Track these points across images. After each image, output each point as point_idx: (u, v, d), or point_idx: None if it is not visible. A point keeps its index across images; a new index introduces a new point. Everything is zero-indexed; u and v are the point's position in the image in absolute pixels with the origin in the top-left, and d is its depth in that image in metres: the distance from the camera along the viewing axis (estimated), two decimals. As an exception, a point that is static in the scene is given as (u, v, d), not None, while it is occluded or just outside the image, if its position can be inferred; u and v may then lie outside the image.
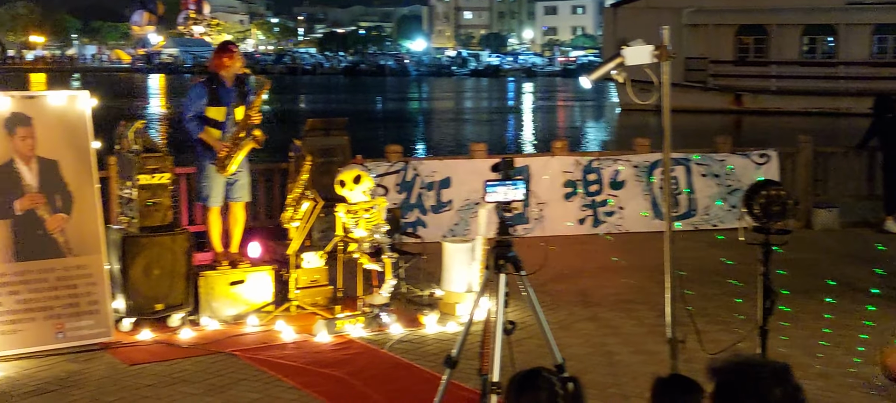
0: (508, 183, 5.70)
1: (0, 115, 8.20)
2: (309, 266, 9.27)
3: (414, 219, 12.28)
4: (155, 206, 8.68)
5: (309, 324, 8.63)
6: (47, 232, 8.24)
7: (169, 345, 8.24)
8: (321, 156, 10.31)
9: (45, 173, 8.30)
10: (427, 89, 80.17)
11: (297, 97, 64.19)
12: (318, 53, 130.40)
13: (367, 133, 31.41)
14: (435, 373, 7.25)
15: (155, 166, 8.67)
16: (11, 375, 7.46)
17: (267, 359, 7.82)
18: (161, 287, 8.65)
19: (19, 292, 8.04)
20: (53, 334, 8.10)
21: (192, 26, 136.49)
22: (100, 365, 7.72)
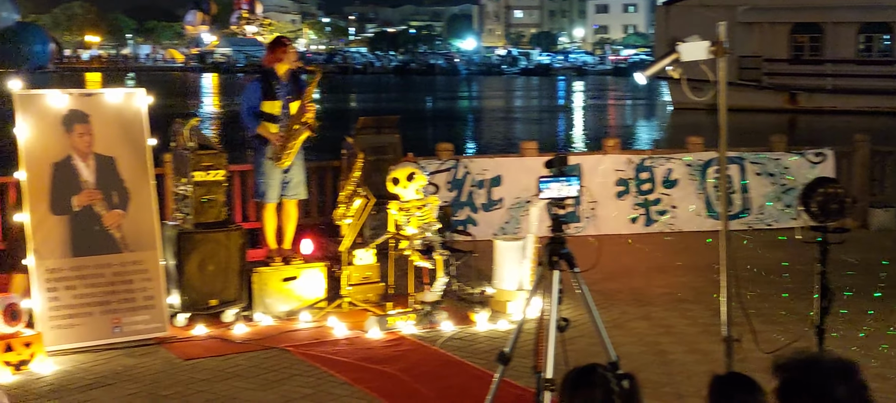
0: (562, 179, 5.68)
1: (58, 113, 8.33)
2: (361, 263, 9.31)
3: (464, 217, 12.28)
4: (209, 203, 8.77)
5: (360, 321, 8.67)
6: (104, 228, 8.36)
7: (223, 340, 8.31)
8: (373, 153, 10.35)
9: (103, 170, 8.41)
10: (477, 88, 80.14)
11: (348, 96, 64.46)
12: (368, 53, 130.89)
13: (417, 131, 31.49)
14: (486, 371, 7.25)
15: (210, 163, 8.76)
16: (69, 369, 7.57)
17: (319, 355, 7.86)
18: (215, 282, 8.73)
19: (76, 287, 8.16)
20: (110, 328, 8.22)
21: (244, 26, 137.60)
22: (155, 360, 7.82)
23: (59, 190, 8.22)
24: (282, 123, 9.21)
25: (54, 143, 8.27)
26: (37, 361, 7.51)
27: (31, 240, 8.07)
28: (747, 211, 13.15)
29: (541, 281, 5.71)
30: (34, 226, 8.10)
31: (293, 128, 9.09)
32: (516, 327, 5.85)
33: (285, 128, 9.16)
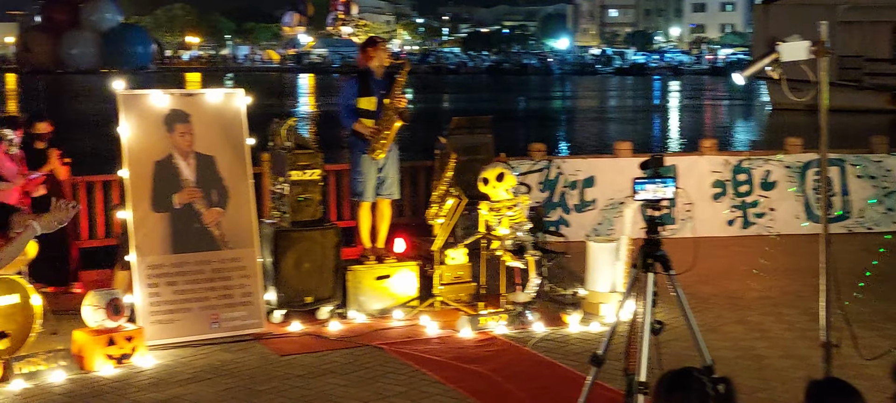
0: (657, 180, 5.63)
1: (160, 112, 8.55)
2: (453, 262, 9.35)
3: (556, 218, 12.24)
4: (306, 202, 8.90)
5: (452, 320, 8.71)
6: (204, 226, 8.55)
7: (318, 337, 8.43)
8: (465, 153, 10.37)
9: (203, 168, 8.61)
10: (570, 88, 79.69)
11: (441, 96, 64.68)
12: (461, 53, 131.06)
13: (510, 131, 31.45)
14: (578, 372, 7.23)
15: (306, 163, 8.89)
16: (169, 363, 7.76)
17: (412, 353, 7.92)
18: (311, 280, 8.86)
19: (177, 283, 8.36)
20: (209, 324, 8.40)
21: (340, 27, 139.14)
22: (252, 355, 7.97)
23: (161, 188, 8.43)
24: (378, 119, 9.33)
25: (156, 142, 8.49)
26: (138, 355, 7.72)
27: (133, 237, 8.30)
28: (847, 214, 12.84)
29: (635, 284, 5.66)
30: (136, 223, 8.33)
31: (386, 117, 9.20)
32: (609, 329, 5.81)
33: (379, 121, 9.28)
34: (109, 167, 10.10)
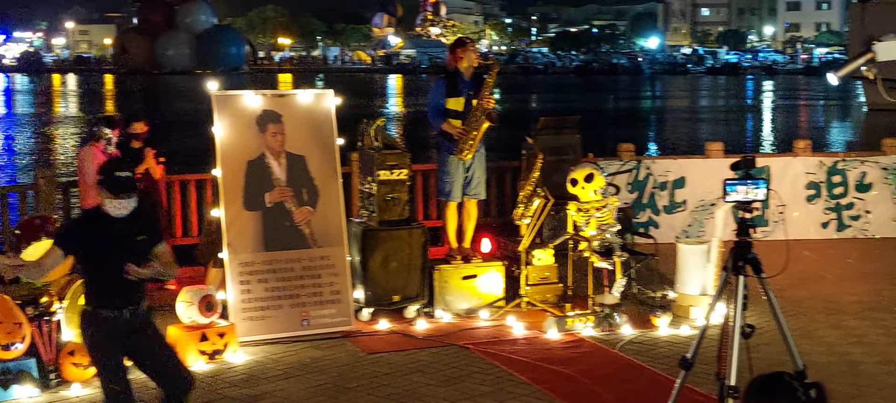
0: (749, 182, 5.55)
1: (253, 112, 8.70)
2: (539, 263, 9.33)
3: (645, 219, 12.12)
4: (393, 201, 8.97)
5: (539, 321, 8.69)
6: (294, 224, 8.68)
7: (405, 336, 8.49)
8: (552, 153, 10.35)
9: (294, 168, 8.73)
10: (661, 88, 78.82)
11: (529, 96, 64.53)
12: (550, 53, 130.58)
13: (598, 131, 31.22)
14: (667, 376, 7.15)
15: (394, 163, 8.96)
16: (260, 359, 7.89)
17: (498, 353, 7.92)
18: (398, 279, 8.93)
19: (268, 281, 8.50)
20: (298, 321, 8.52)
21: (429, 27, 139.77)
22: (341, 353, 8.06)
23: (253, 187, 8.58)
24: (465, 120, 9.34)
25: (249, 142, 8.64)
26: (230, 351, 7.87)
27: (225, 235, 8.46)
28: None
29: (725, 286, 5.59)
30: (229, 222, 8.49)
31: (474, 117, 9.22)
32: (699, 332, 5.74)
33: (467, 121, 9.29)
34: (203, 166, 10.30)
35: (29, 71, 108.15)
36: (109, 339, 5.52)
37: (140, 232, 5.57)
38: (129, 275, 5.41)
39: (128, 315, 5.52)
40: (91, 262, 5.57)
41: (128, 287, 5.49)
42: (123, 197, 5.44)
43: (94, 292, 5.57)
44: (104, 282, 5.52)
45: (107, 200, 5.47)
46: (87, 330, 5.61)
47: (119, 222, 5.49)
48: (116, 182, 5.44)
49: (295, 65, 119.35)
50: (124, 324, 5.52)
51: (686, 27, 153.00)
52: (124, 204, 5.46)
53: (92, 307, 5.57)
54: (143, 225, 5.64)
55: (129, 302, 5.54)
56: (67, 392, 7.10)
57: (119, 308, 5.50)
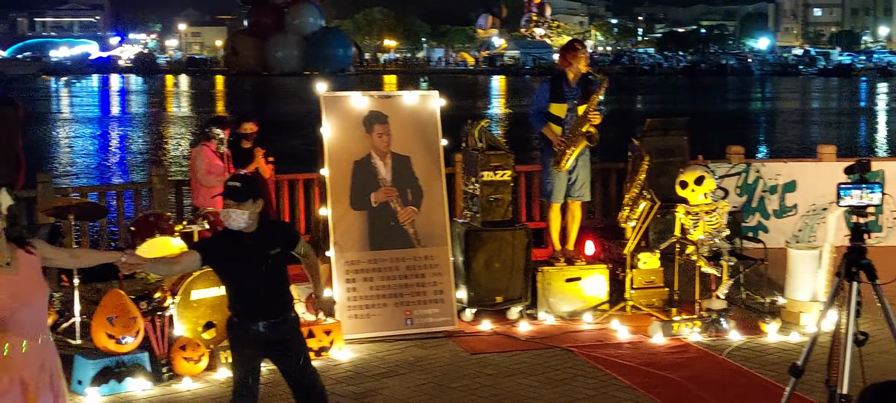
0: (863, 186, 5.41)
1: (360, 113, 8.81)
2: (645, 266, 9.23)
3: (754, 224, 11.88)
4: (497, 202, 8.98)
5: (644, 325, 8.60)
6: (399, 224, 8.76)
7: (508, 337, 8.49)
8: (659, 156, 10.22)
9: (399, 168, 8.82)
10: (771, 89, 77.20)
11: (635, 97, 63.87)
12: (656, 53, 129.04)
13: (707, 133, 30.72)
14: (776, 383, 7.01)
15: (498, 163, 8.97)
16: (364, 357, 7.99)
17: (602, 357, 7.87)
18: (501, 280, 8.94)
19: (373, 279, 8.59)
20: (403, 320, 8.60)
21: (533, 28, 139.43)
22: (444, 352, 8.10)
23: (359, 186, 8.69)
24: (566, 126, 9.27)
25: (356, 142, 8.75)
26: (335, 348, 7.98)
27: (332, 234, 8.58)
28: None
29: (837, 293, 5.46)
30: (335, 221, 8.61)
31: (574, 134, 9.14)
32: (810, 339, 5.62)
33: (568, 132, 9.21)
34: (310, 166, 10.46)
35: (143, 72, 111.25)
36: (245, 348, 5.57)
37: (274, 245, 5.56)
38: (121, 271, 5.41)
39: (263, 328, 5.49)
40: (227, 275, 5.64)
41: (265, 300, 5.52)
42: (232, 204, 5.42)
43: (233, 303, 5.63)
44: (240, 295, 5.56)
45: (223, 210, 5.54)
46: (227, 335, 5.72)
47: (252, 237, 5.48)
48: (226, 189, 5.51)
49: (399, 66, 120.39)
50: (260, 337, 5.51)
51: (797, 27, 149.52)
52: (234, 214, 5.43)
53: (231, 315, 5.64)
54: (278, 238, 5.63)
55: (267, 316, 5.51)
56: (179, 386, 7.29)
57: (255, 320, 5.51)
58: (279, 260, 5.59)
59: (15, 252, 4.61)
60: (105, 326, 7.21)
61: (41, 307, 4.70)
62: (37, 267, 4.67)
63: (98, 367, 7.10)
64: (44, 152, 31.33)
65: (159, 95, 71.03)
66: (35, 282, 4.64)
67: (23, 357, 4.54)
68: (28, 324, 4.58)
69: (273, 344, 5.57)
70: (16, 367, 4.53)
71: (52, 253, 4.91)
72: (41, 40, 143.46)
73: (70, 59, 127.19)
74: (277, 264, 5.58)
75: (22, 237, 4.69)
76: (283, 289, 5.65)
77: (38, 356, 4.61)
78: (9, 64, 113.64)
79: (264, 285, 5.51)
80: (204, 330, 7.87)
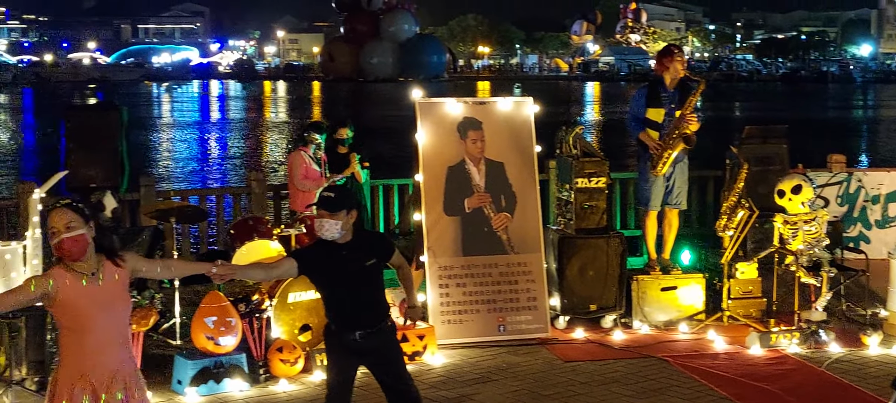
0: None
1: (454, 119, 8.86)
2: (742, 276, 9.08)
3: (856, 234, 11.59)
4: (591, 209, 8.93)
5: (741, 336, 8.46)
6: (492, 230, 8.77)
7: (601, 345, 8.44)
8: (758, 164, 10.05)
9: (492, 174, 8.83)
10: (874, 97, 75.22)
11: (733, 104, 62.84)
12: (755, 60, 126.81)
13: (807, 141, 30.08)
14: (877, 397, 6.86)
15: (592, 170, 8.92)
16: (457, 362, 8.01)
17: (698, 367, 7.77)
18: (595, 288, 8.88)
19: (466, 285, 8.62)
20: (495, 326, 8.60)
21: (628, 35, 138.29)
22: (537, 360, 8.08)
23: (453, 192, 8.73)
24: (664, 131, 9.18)
25: (450, 148, 8.80)
26: (429, 353, 8.03)
27: (426, 239, 8.64)
28: None
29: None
30: (429, 226, 8.66)
31: (671, 137, 9.04)
32: (913, 353, 5.47)
33: (664, 135, 9.12)
34: (404, 172, 10.54)
35: (242, 78, 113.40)
36: (341, 356, 5.63)
37: (369, 256, 5.59)
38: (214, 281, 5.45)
39: (359, 337, 5.54)
40: (322, 285, 5.70)
41: (361, 310, 5.57)
42: (326, 215, 5.45)
43: (329, 311, 5.70)
44: (336, 304, 5.62)
45: (316, 220, 5.59)
46: (324, 341, 5.79)
47: (347, 247, 5.52)
48: (320, 199, 5.57)
49: (493, 73, 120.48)
50: (356, 346, 5.56)
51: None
52: (327, 224, 5.46)
53: (328, 322, 5.70)
54: (373, 249, 5.66)
55: (363, 325, 5.56)
56: (275, 388, 7.41)
57: (351, 330, 5.55)
58: (374, 271, 5.63)
59: (102, 263, 4.72)
60: (204, 327, 7.37)
61: (121, 319, 4.79)
62: (122, 280, 4.77)
63: (197, 367, 7.26)
64: (146, 156, 32.12)
65: (257, 101, 72.26)
66: (118, 295, 4.74)
67: (95, 367, 4.66)
68: (105, 335, 4.69)
69: (369, 353, 5.62)
70: (87, 376, 4.65)
71: (144, 266, 5.02)
72: (144, 47, 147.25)
73: (171, 65, 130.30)
74: (372, 274, 5.62)
75: (113, 249, 4.80)
76: (379, 299, 5.70)
77: (111, 367, 4.70)
78: (113, 69, 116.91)
79: (360, 295, 5.57)
80: (300, 332, 7.98)
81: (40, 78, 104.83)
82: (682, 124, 8.98)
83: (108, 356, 4.69)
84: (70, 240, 4.61)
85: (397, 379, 5.70)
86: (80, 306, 4.62)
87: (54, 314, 4.73)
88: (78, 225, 4.63)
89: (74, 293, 4.62)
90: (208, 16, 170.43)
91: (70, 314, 4.64)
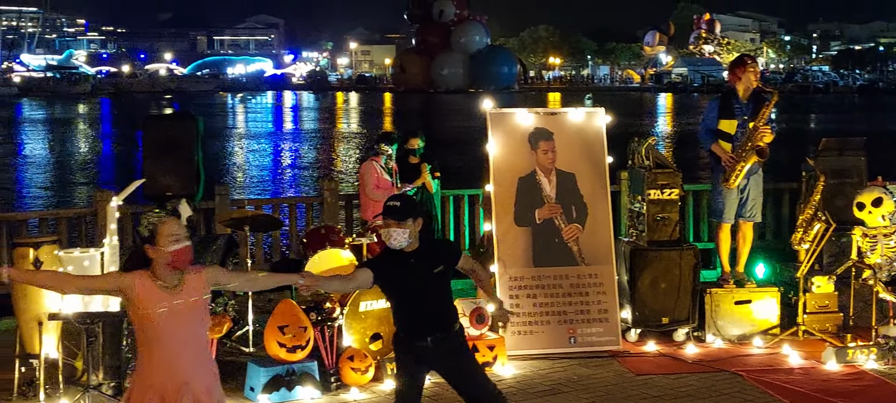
0: None
1: (525, 130, 8.85)
2: (818, 290, 8.92)
3: (938, 248, 11.31)
4: (664, 221, 8.85)
5: (817, 351, 8.31)
6: (563, 241, 8.74)
7: (674, 359, 8.35)
8: (835, 176, 9.89)
9: (563, 185, 8.80)
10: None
11: (808, 116, 61.83)
12: (831, 71, 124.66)
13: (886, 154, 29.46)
14: (960, 416, 6.66)
15: (665, 182, 8.84)
16: (527, 374, 7.99)
17: (772, 382, 7.65)
18: (667, 300, 8.79)
19: (537, 296, 8.60)
20: (566, 338, 8.56)
21: (702, 45, 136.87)
22: (608, 372, 8.02)
23: (523, 202, 8.72)
24: (736, 143, 9.05)
25: (521, 159, 8.79)
26: (499, 364, 8.01)
27: (496, 249, 8.63)
28: None
29: None
30: (499, 236, 8.66)
31: (744, 148, 8.92)
32: None
33: (737, 147, 8.99)
34: (474, 182, 10.55)
35: (315, 89, 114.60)
36: (410, 364, 5.65)
37: (437, 263, 5.63)
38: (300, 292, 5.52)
39: (430, 342, 5.58)
40: (392, 293, 5.74)
41: (430, 316, 5.61)
42: (393, 224, 5.49)
43: (398, 318, 5.74)
44: (405, 312, 5.66)
45: (383, 230, 5.62)
46: (394, 348, 5.81)
47: (415, 254, 5.58)
48: (387, 208, 5.59)
49: (564, 84, 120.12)
50: (427, 352, 5.59)
51: None
52: (394, 233, 5.51)
53: (397, 330, 5.74)
54: (441, 255, 5.70)
55: (432, 331, 5.60)
56: (346, 396, 7.45)
57: (421, 336, 5.59)
58: (442, 277, 5.66)
59: (184, 274, 4.83)
60: (277, 335, 7.45)
61: (195, 330, 4.87)
62: (201, 291, 4.86)
63: (269, 375, 7.33)
64: (221, 166, 32.60)
65: (330, 112, 72.93)
66: (194, 306, 4.83)
67: (165, 377, 4.73)
68: (176, 345, 4.77)
69: (439, 359, 5.64)
70: (155, 386, 4.73)
71: (226, 278, 5.11)
72: (219, 58, 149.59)
73: (246, 76, 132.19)
74: (441, 281, 5.66)
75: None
76: (448, 305, 5.73)
77: (181, 378, 4.77)
78: (189, 81, 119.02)
79: (429, 301, 5.60)
80: (371, 341, 8.02)
81: (118, 88, 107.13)
82: (755, 136, 8.85)
83: (178, 367, 4.77)
84: (184, 250, 4.78)
85: (471, 382, 5.70)
86: (154, 314, 4.71)
87: (130, 318, 4.83)
88: (186, 236, 4.81)
89: (150, 299, 4.71)
90: (282, 28, 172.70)
91: (143, 320, 4.74)
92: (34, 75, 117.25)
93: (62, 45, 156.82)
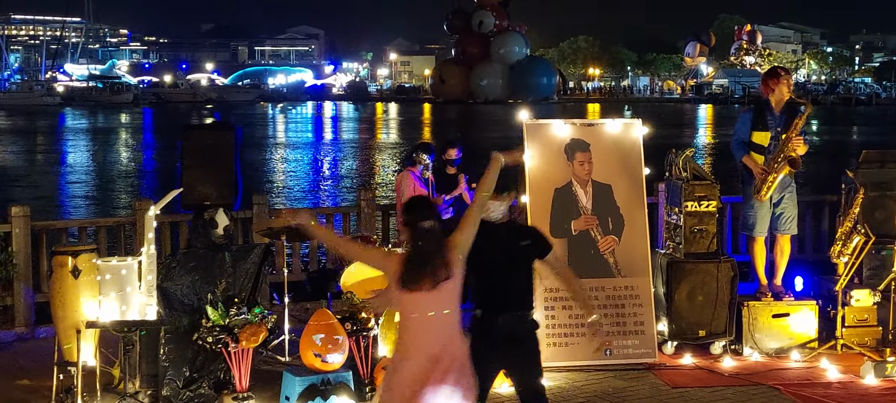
0: None
1: (561, 141, 8.84)
2: (857, 304, 8.82)
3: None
4: (701, 233, 8.80)
5: (855, 365, 8.23)
6: (599, 252, 8.71)
7: (710, 372, 8.29)
8: (875, 189, 9.77)
9: (600, 196, 8.78)
10: None
11: (850, 128, 61.20)
12: (874, 83, 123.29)
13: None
14: None
15: (702, 194, 8.79)
16: (562, 386, 7.97)
17: (810, 396, 7.58)
18: (704, 313, 8.73)
19: (572, 307, 8.56)
20: (602, 350, 8.52)
21: (743, 56, 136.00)
22: (644, 385, 7.98)
23: (559, 214, 8.70)
24: (769, 155, 8.98)
25: (557, 170, 8.78)
26: (533, 374, 7.98)
27: (532, 261, 8.61)
28: None
29: None
30: (535, 248, 8.63)
31: (776, 160, 8.85)
32: None
33: (769, 159, 8.93)
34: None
35: (355, 99, 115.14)
36: (483, 347, 5.59)
37: (525, 238, 5.86)
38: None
39: (507, 320, 5.67)
40: (480, 265, 5.63)
41: (512, 291, 5.71)
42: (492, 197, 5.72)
43: (478, 295, 5.78)
44: (489, 286, 5.72)
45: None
46: (469, 334, 5.69)
47: (505, 228, 5.84)
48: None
49: (604, 95, 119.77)
50: (501, 331, 5.65)
51: None
52: (492, 205, 5.77)
53: (474, 309, 5.79)
54: (530, 237, 5.93)
55: (511, 308, 5.70)
56: (380, 405, 7.46)
57: (500, 312, 5.68)
58: (529, 254, 5.82)
59: None
60: (313, 345, 7.47)
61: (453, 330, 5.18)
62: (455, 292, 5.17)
63: (305, 384, 7.36)
64: (260, 175, 32.82)
65: (369, 122, 73.22)
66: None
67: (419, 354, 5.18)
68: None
69: (512, 341, 5.66)
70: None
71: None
72: (260, 68, 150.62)
73: (286, 86, 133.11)
74: (526, 257, 5.81)
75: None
76: (529, 287, 5.83)
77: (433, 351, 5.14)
78: (230, 90, 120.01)
79: (509, 276, 5.71)
80: (405, 351, 8.02)
81: (159, 98, 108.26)
82: (788, 147, 8.78)
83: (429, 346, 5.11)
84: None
85: (531, 374, 5.76)
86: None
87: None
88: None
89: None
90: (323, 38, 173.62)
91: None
92: (77, 85, 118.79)
93: (105, 55, 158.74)
